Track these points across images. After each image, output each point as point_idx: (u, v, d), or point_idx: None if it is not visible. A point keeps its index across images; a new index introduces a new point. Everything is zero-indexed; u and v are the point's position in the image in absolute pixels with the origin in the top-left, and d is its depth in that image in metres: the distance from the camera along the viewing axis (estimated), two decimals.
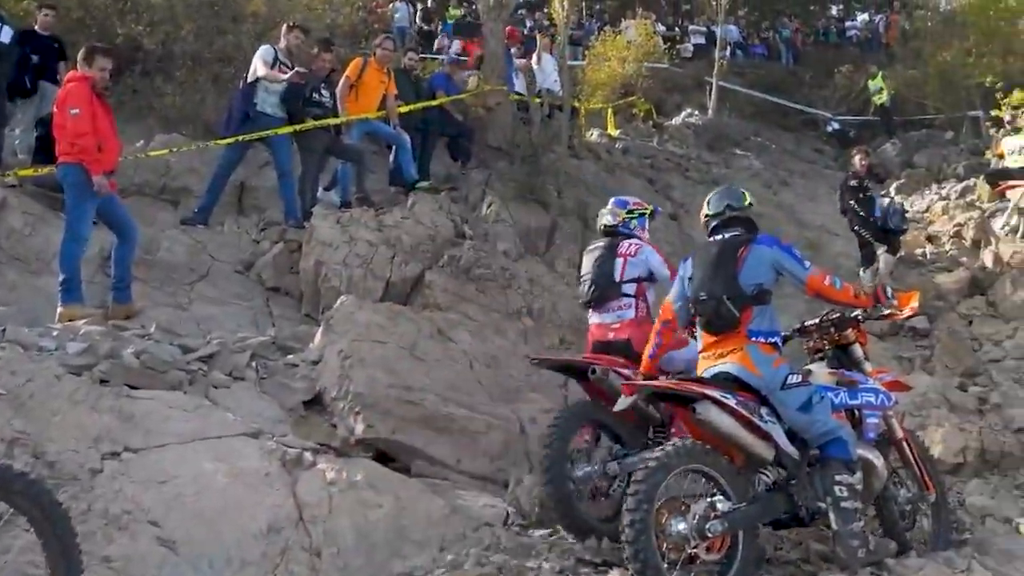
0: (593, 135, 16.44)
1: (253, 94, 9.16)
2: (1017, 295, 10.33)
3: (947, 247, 13.22)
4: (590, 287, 6.17)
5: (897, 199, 15.57)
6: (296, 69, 9.26)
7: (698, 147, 18.41)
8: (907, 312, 5.28)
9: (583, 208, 11.06)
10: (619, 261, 6.13)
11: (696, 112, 20.82)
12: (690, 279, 5.15)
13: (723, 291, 4.82)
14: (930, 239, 13.84)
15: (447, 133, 11.78)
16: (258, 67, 9.16)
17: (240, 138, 9.03)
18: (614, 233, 6.37)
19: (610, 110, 17.91)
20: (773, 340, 4.86)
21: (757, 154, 19.31)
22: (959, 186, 16.16)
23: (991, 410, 8.26)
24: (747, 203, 5.25)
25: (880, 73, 21.84)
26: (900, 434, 5.37)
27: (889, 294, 5.22)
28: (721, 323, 4.84)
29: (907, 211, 13.71)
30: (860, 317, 5.34)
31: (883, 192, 16.45)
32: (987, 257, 11.69)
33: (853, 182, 11.74)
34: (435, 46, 19.42)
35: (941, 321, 10.30)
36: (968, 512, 6.51)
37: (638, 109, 19.64)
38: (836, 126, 23.04)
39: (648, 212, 6.58)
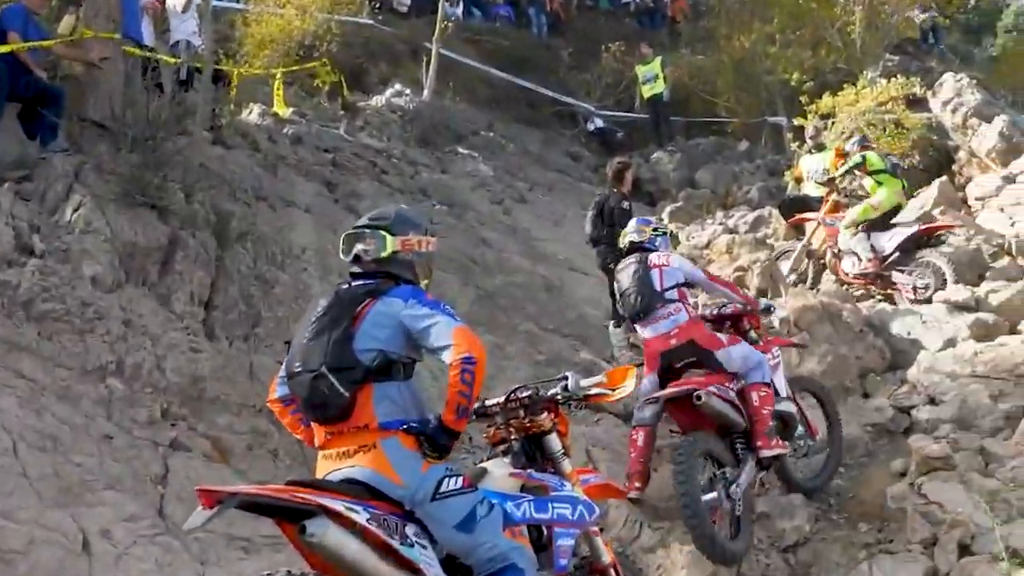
0: (252, 113, 16.33)
1: None
2: (804, 367, 10.72)
3: None
4: (635, 299, 8.56)
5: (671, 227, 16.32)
6: None
7: (405, 140, 18.75)
8: (619, 394, 5.45)
9: (223, 219, 10.82)
10: (655, 272, 8.53)
11: (407, 91, 21.06)
12: (287, 344, 5.11)
13: (322, 361, 4.79)
14: None
15: (21, 96, 11.25)
16: None
17: None
18: (640, 249, 8.88)
19: (279, 79, 17.85)
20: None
21: (488, 155, 19.85)
22: (750, 216, 17.29)
23: (755, 520, 8.63)
24: (389, 252, 5.16)
25: (658, 58, 22.99)
26: (607, 559, 5.54)
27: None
28: (324, 408, 4.80)
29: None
30: (559, 397, 5.45)
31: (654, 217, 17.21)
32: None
33: (625, 204, 12.00)
34: None
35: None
36: None
37: (322, 80, 19.63)
38: (600, 124, 24.15)
39: (669, 232, 9.31)
